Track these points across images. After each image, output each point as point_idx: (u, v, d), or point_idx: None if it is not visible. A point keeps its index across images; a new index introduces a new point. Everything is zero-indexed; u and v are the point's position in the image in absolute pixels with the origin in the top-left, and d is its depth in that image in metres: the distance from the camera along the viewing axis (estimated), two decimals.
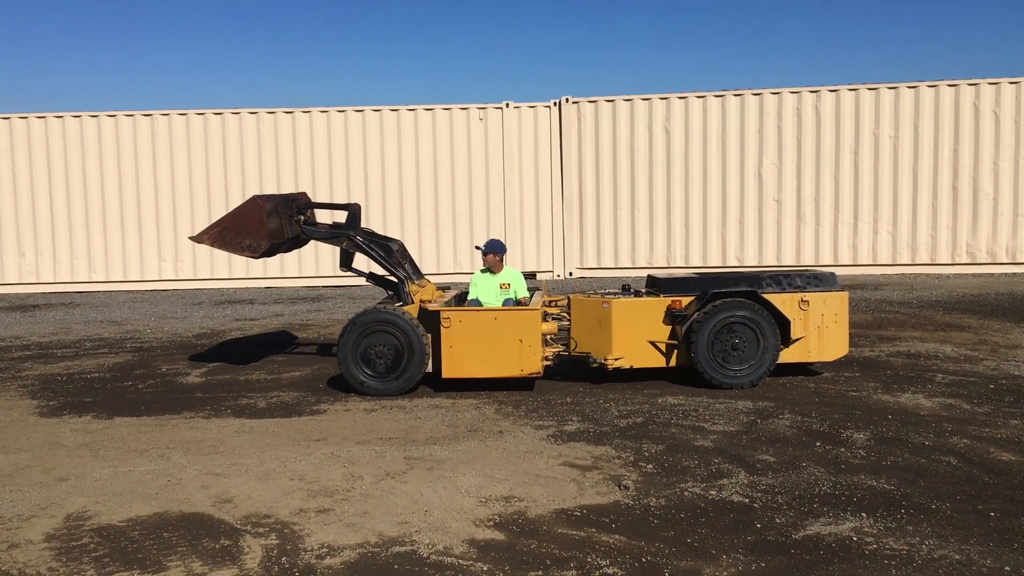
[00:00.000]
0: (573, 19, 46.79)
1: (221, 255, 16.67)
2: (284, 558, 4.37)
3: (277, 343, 10.92)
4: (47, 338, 11.77)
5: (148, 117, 17.00)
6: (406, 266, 8.58)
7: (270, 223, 8.11)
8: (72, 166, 16.95)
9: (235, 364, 9.56)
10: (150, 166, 16.98)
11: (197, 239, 8.39)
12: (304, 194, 9.21)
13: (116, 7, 45.43)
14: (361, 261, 8.96)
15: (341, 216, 8.84)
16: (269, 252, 8.41)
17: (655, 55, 45.44)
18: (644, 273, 10.11)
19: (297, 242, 9.03)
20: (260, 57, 47.71)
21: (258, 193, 16.57)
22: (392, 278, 8.55)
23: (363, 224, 10.34)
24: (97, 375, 9.20)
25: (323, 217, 9.46)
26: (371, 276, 8.88)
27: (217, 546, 4.55)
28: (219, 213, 16.71)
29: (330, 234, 8.71)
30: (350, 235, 8.53)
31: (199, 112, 17.01)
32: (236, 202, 16.53)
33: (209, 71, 47.39)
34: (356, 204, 8.82)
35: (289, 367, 9.32)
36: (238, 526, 4.81)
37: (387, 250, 8.48)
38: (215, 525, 4.83)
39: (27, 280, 17.08)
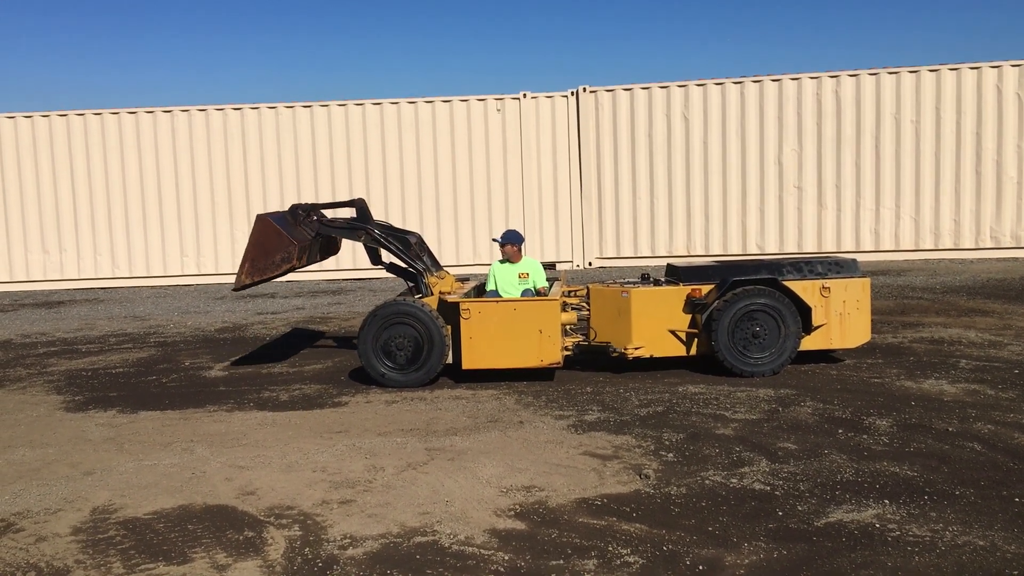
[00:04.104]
0: (589, 8, 46.59)
1: (240, 249, 16.76)
2: (307, 549, 4.41)
3: (298, 336, 10.98)
4: (72, 334, 11.90)
5: (168, 113, 17.12)
6: (424, 258, 8.60)
7: (287, 230, 8.17)
8: (94, 163, 17.10)
9: (257, 357, 9.63)
10: (171, 162, 17.11)
11: (239, 286, 8.32)
12: (305, 203, 9.26)
13: (132, 4, 45.70)
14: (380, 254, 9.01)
15: (356, 214, 8.89)
16: (302, 256, 8.39)
17: (672, 42, 45.19)
18: (664, 262, 10.06)
19: (327, 248, 9.08)
20: (277, 52, 47.86)
21: (272, 191, 16.77)
22: (411, 270, 8.57)
23: (382, 217, 10.38)
24: (121, 370, 9.30)
25: (335, 215, 9.50)
26: (391, 267, 8.92)
27: (241, 538, 4.59)
28: (239, 207, 16.89)
29: (348, 227, 8.76)
30: (368, 229, 8.57)
31: (218, 108, 17.11)
32: (256, 196, 16.71)
33: (226, 67, 47.61)
34: (360, 199, 8.89)
35: (310, 360, 9.38)
36: (262, 518, 4.85)
37: (405, 243, 8.51)
38: (239, 517, 4.88)
39: (52, 277, 17.28)
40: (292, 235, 8.19)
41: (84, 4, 45.52)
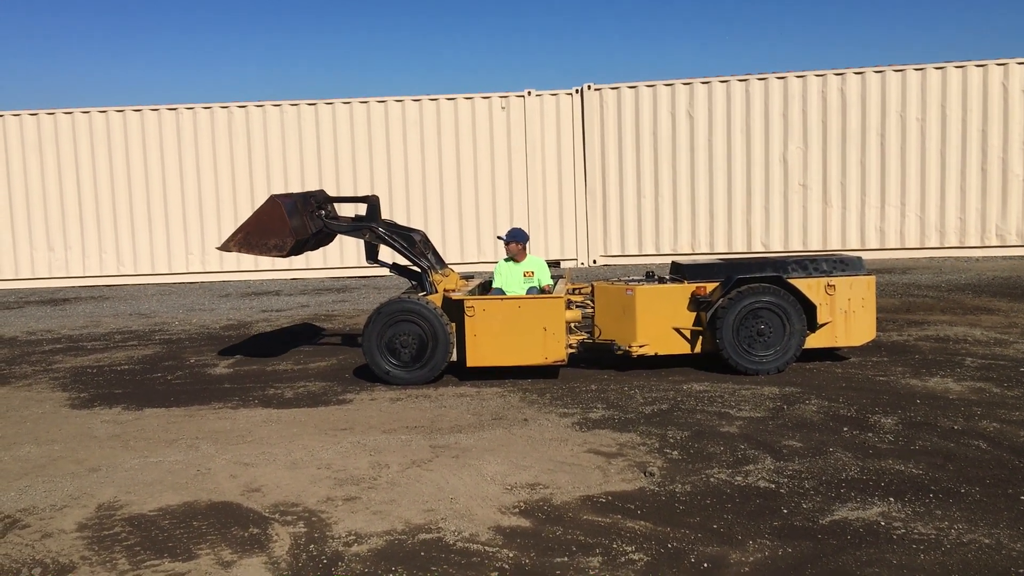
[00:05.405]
0: (594, 6, 46.56)
1: None
2: (312, 545, 4.41)
3: (303, 334, 10.99)
4: (77, 331, 11.93)
5: (173, 111, 17.14)
6: (429, 256, 8.60)
7: (292, 221, 8.17)
8: (99, 160, 17.13)
9: (262, 355, 9.64)
10: (175, 159, 17.13)
11: (224, 248, 8.45)
12: (322, 191, 9.26)
13: (135, 3, 45.77)
14: (385, 252, 9.01)
15: (364, 210, 8.88)
16: (295, 250, 8.44)
17: (677, 40, 45.14)
18: (668, 260, 10.07)
19: (322, 239, 9.08)
20: (282, 51, 47.90)
21: (277, 190, 16.78)
22: (415, 268, 8.57)
23: (386, 215, 10.34)
24: (127, 367, 9.32)
25: (344, 211, 9.49)
26: (395, 267, 8.92)
27: (246, 534, 4.59)
28: (244, 205, 16.87)
29: (352, 227, 8.76)
30: (372, 227, 8.57)
31: (223, 105, 17.12)
32: (261, 194, 16.68)
33: (230, 66, 47.66)
34: (375, 196, 8.87)
35: (315, 357, 9.38)
36: (266, 514, 4.86)
37: (409, 240, 8.51)
38: (244, 514, 4.89)
39: (57, 274, 17.32)
40: (294, 227, 8.19)
41: (88, 3, 45.62)
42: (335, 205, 9.14)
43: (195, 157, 17.13)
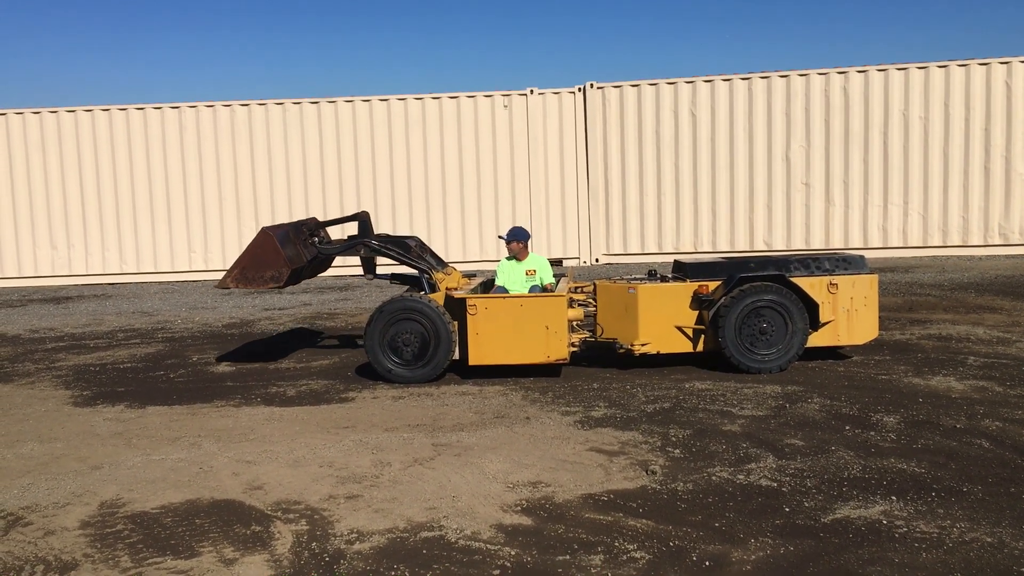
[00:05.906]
0: (597, 4, 46.53)
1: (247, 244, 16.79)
2: (314, 543, 4.42)
3: (306, 332, 11.00)
4: (80, 329, 11.94)
5: (176, 110, 17.15)
6: (427, 257, 8.63)
7: (286, 250, 8.22)
8: (102, 159, 17.15)
9: (264, 353, 9.65)
10: (178, 158, 17.15)
11: (222, 285, 8.46)
12: (313, 218, 9.35)
13: (134, 2, 45.80)
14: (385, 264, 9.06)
15: (356, 228, 8.97)
16: (292, 279, 8.48)
17: (680, 39, 45.10)
18: (671, 258, 10.06)
19: (318, 266, 9.16)
20: (285, 49, 47.91)
21: (280, 188, 16.84)
22: (414, 272, 8.59)
23: (388, 214, 10.40)
24: (129, 365, 9.33)
25: (348, 229, 9.56)
26: (394, 276, 8.96)
27: (248, 532, 4.60)
28: (246, 203, 16.92)
29: (346, 247, 8.86)
30: (365, 242, 8.63)
31: (226, 104, 17.14)
32: (263, 191, 16.73)
33: (234, 64, 47.68)
34: (364, 212, 9.01)
35: (317, 356, 9.39)
36: (269, 512, 4.86)
37: (404, 247, 8.53)
38: (246, 511, 4.89)
39: (60, 272, 17.34)
40: (288, 256, 8.23)
41: (88, 3, 45.66)
42: (327, 230, 9.23)
43: (198, 155, 17.15)
